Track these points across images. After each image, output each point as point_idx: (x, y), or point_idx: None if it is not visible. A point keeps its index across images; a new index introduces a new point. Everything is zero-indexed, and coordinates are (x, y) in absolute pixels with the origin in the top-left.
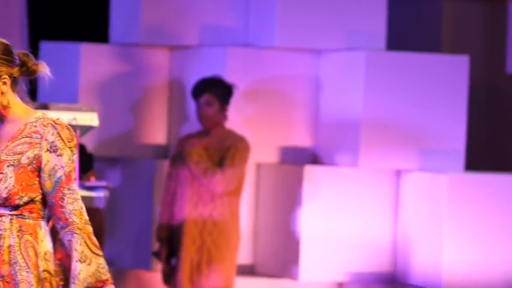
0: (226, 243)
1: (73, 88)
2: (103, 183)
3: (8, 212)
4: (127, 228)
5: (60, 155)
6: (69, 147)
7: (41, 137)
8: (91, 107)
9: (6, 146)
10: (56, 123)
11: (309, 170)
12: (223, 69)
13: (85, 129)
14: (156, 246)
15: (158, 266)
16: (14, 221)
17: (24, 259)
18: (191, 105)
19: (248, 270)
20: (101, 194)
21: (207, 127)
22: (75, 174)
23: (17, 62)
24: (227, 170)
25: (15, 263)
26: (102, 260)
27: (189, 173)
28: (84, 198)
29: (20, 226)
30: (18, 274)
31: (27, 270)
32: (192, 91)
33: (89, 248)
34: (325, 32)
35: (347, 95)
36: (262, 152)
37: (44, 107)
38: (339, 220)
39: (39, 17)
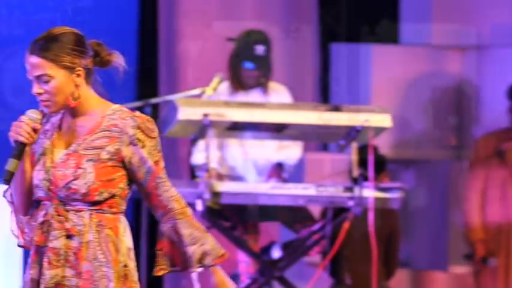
0: None
1: (366, 89)
2: (397, 184)
3: (87, 207)
4: (422, 229)
5: (143, 147)
6: (151, 138)
7: (121, 131)
8: (384, 108)
9: (84, 140)
10: (135, 116)
11: None
12: None
13: (378, 131)
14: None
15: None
16: (93, 216)
17: (105, 254)
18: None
19: None
20: (395, 195)
21: None
22: (163, 163)
23: (90, 52)
24: None
25: (94, 258)
26: (212, 238)
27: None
28: (378, 200)
29: (100, 221)
30: (97, 270)
31: (107, 265)
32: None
33: (198, 229)
34: None
35: None
36: None
37: (336, 108)
38: None
39: (329, 18)
